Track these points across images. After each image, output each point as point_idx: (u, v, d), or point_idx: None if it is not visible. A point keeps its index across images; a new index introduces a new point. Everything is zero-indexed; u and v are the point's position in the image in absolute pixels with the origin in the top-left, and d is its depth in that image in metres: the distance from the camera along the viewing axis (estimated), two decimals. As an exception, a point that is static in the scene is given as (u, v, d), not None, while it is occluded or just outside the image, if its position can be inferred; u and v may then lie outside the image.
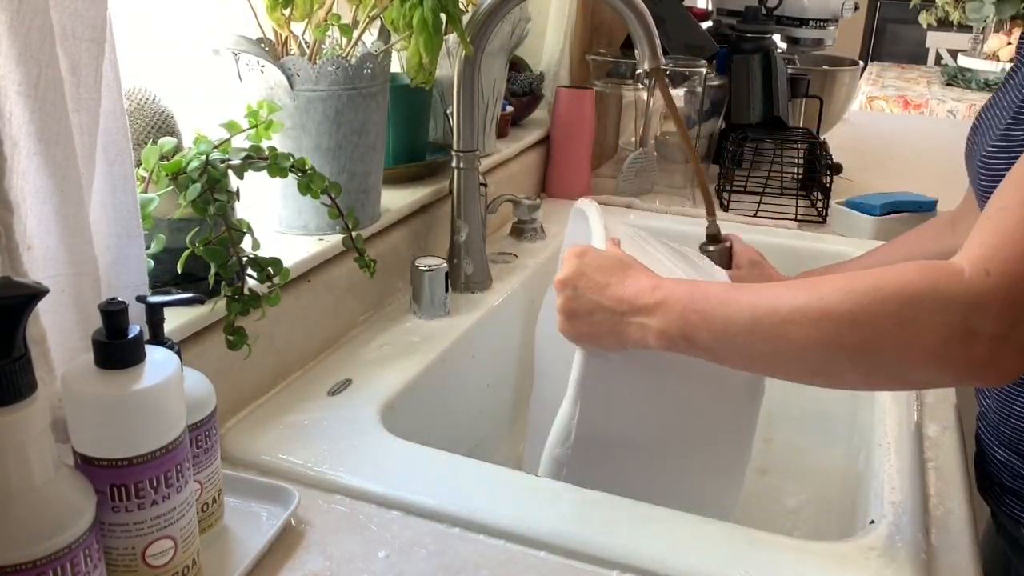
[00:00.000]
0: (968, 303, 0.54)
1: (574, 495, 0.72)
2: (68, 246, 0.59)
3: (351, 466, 0.75)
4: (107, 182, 0.65)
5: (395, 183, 1.12)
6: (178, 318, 0.73)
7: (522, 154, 1.44)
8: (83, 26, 0.58)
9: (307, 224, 0.96)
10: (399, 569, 0.64)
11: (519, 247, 1.28)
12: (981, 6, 3.33)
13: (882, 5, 5.63)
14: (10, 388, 0.45)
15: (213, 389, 0.64)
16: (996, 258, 0.54)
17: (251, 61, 0.89)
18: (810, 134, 1.66)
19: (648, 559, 0.65)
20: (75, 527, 0.48)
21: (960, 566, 0.68)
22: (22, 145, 0.55)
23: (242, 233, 0.77)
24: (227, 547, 0.65)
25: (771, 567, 0.64)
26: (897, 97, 3.25)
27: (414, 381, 0.91)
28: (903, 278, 0.56)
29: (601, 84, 1.56)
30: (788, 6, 1.86)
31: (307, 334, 0.92)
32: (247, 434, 0.79)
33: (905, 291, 0.56)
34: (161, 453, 0.54)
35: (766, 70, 1.65)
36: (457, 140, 1.08)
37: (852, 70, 1.87)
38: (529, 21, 1.34)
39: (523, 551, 0.67)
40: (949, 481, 0.78)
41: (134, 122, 0.84)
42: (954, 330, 0.54)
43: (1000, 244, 0.55)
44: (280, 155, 0.81)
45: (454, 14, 0.88)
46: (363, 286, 1.01)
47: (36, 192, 0.56)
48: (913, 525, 0.70)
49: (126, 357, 0.52)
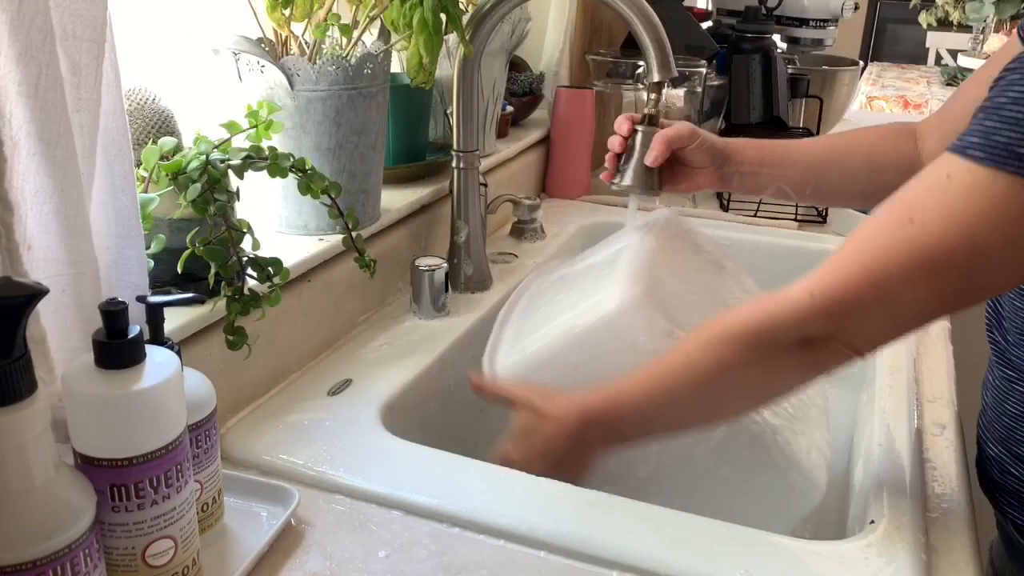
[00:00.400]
0: (799, 321, 0.66)
1: (574, 495, 0.72)
2: (68, 246, 0.59)
3: (351, 466, 0.75)
4: (107, 182, 0.65)
5: (395, 183, 1.12)
6: (178, 318, 0.73)
7: (522, 154, 1.44)
8: (83, 26, 0.58)
9: (307, 224, 0.96)
10: (399, 569, 0.64)
11: (519, 247, 1.28)
12: (981, 6, 3.34)
13: (882, 5, 5.63)
14: (10, 388, 0.45)
15: (213, 389, 0.64)
16: (822, 282, 0.66)
17: (251, 61, 0.89)
18: (810, 134, 1.67)
19: (648, 559, 0.65)
20: (75, 527, 0.48)
21: (960, 566, 0.68)
22: (22, 145, 0.55)
23: (242, 233, 0.77)
24: (227, 547, 0.65)
25: (771, 567, 0.64)
26: (897, 97, 3.25)
27: (414, 381, 0.91)
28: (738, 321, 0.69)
29: (601, 84, 1.56)
30: (788, 6, 1.86)
31: (307, 334, 0.92)
32: (247, 434, 0.79)
33: (744, 328, 0.68)
34: (161, 453, 0.54)
35: (766, 70, 1.65)
36: (457, 140, 1.08)
37: (852, 70, 1.87)
38: (529, 21, 1.34)
39: (523, 551, 0.67)
40: (949, 481, 0.78)
41: (134, 122, 0.84)
42: (793, 345, 0.67)
43: (829, 269, 0.66)
44: (280, 155, 0.81)
45: (454, 14, 0.88)
46: (363, 286, 1.01)
47: (36, 192, 0.56)
48: (913, 525, 0.70)
49: (126, 357, 0.52)
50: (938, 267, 0.62)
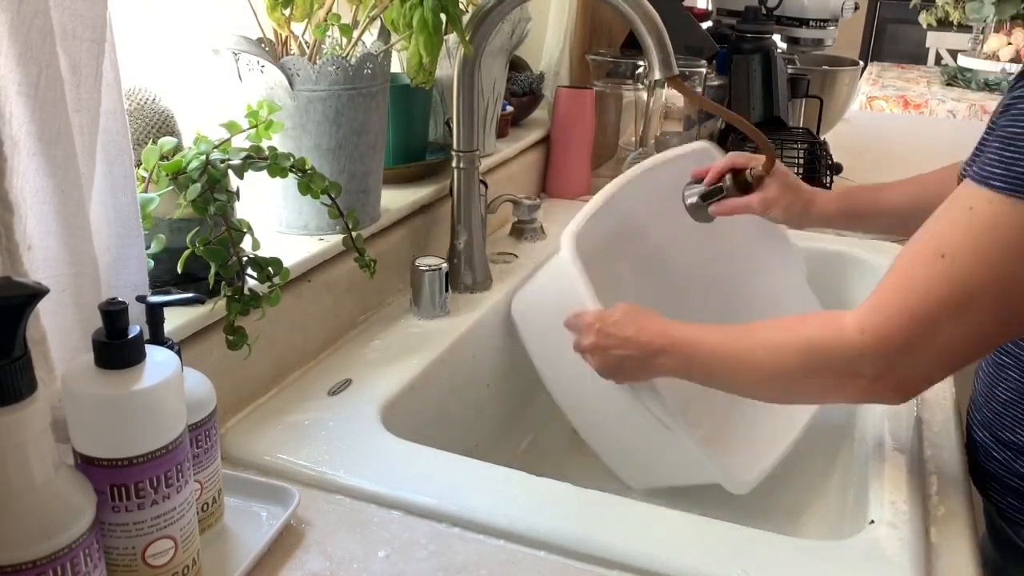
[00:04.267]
0: (850, 357, 0.69)
1: (574, 495, 0.72)
2: (68, 246, 0.59)
3: (351, 466, 0.75)
4: (107, 182, 0.65)
5: (395, 183, 1.12)
6: (178, 318, 0.73)
7: (522, 154, 1.44)
8: (83, 26, 0.58)
9: (307, 224, 0.96)
10: (399, 569, 0.64)
11: (519, 247, 1.28)
12: (981, 6, 3.34)
13: (882, 5, 5.62)
14: (10, 388, 0.45)
15: (213, 389, 0.64)
16: (870, 320, 0.68)
17: (251, 61, 0.89)
18: (810, 134, 1.67)
19: (648, 559, 0.65)
20: (75, 527, 0.48)
21: (960, 566, 0.68)
22: (22, 145, 0.55)
23: (242, 233, 0.77)
24: (227, 547, 0.65)
25: (771, 567, 0.64)
26: (897, 97, 3.25)
27: (414, 381, 0.91)
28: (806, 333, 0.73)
29: (601, 84, 1.56)
30: (788, 6, 1.86)
31: (307, 334, 0.92)
32: (247, 434, 0.79)
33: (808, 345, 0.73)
34: (161, 453, 0.54)
35: (766, 70, 1.65)
36: (457, 140, 1.08)
37: (852, 70, 1.87)
38: (529, 21, 1.34)
39: (523, 551, 0.67)
40: (949, 481, 0.78)
41: (134, 122, 0.84)
42: (844, 374, 0.71)
43: (874, 305, 0.69)
44: (280, 155, 0.81)
45: (454, 14, 0.88)
46: (363, 286, 1.01)
47: (36, 192, 0.56)
48: (913, 525, 0.70)
49: (126, 357, 0.52)
50: (974, 300, 0.64)
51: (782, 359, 0.74)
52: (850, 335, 0.69)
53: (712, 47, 1.64)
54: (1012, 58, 3.36)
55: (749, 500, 0.90)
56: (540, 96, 1.55)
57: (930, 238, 0.67)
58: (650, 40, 0.94)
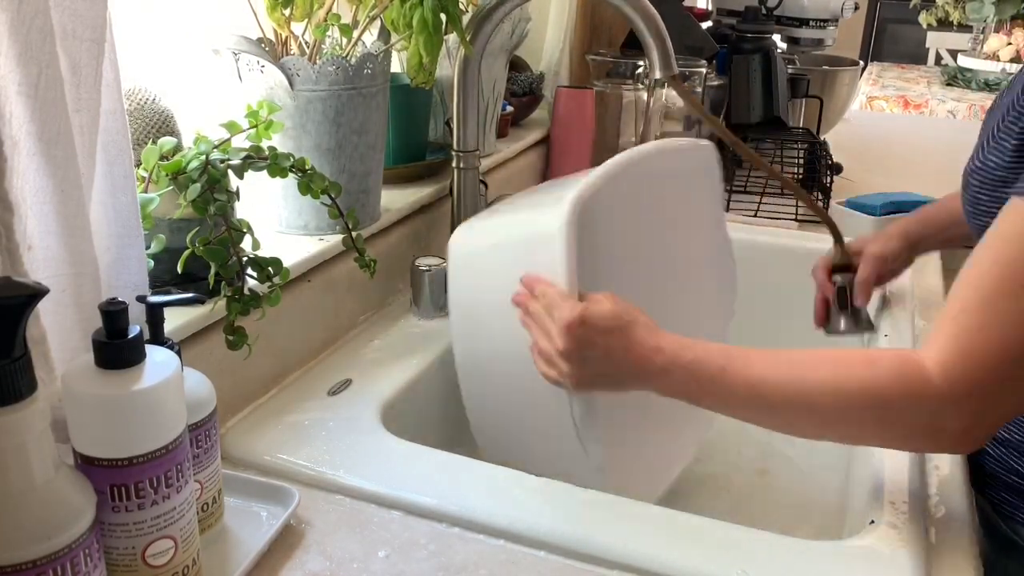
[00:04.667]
0: (935, 409, 0.62)
1: (574, 495, 0.72)
2: (68, 246, 0.59)
3: (351, 466, 0.75)
4: (107, 182, 0.65)
5: (395, 183, 1.12)
6: (178, 318, 0.73)
7: (522, 154, 1.44)
8: (83, 26, 0.58)
9: (307, 224, 0.96)
10: (399, 569, 0.64)
11: (519, 247, 1.27)
12: (981, 6, 3.33)
13: (882, 5, 5.62)
14: (10, 388, 0.45)
15: (213, 389, 0.64)
16: (958, 367, 0.61)
17: (251, 61, 0.89)
18: (810, 134, 1.66)
19: (648, 559, 0.65)
20: (75, 527, 0.48)
21: (960, 566, 0.68)
22: (22, 145, 0.55)
23: (242, 233, 0.77)
24: (227, 547, 0.65)
25: (771, 567, 0.64)
26: (897, 97, 3.25)
27: (414, 381, 0.91)
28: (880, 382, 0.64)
29: (601, 84, 1.56)
30: (788, 6, 1.86)
31: (307, 334, 0.92)
32: (247, 434, 0.79)
33: (883, 395, 0.63)
34: (161, 453, 0.54)
35: (766, 70, 1.65)
36: (457, 140, 1.08)
37: (852, 70, 1.87)
38: (529, 21, 1.34)
39: (523, 551, 0.67)
40: (949, 481, 0.78)
41: (134, 122, 0.84)
42: (924, 428, 0.64)
43: (961, 351, 0.61)
44: (280, 155, 0.81)
45: (454, 14, 0.88)
46: (363, 286, 1.01)
47: (36, 192, 0.56)
48: (913, 525, 0.70)
49: (126, 357, 0.52)
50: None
51: (848, 406, 0.65)
52: (937, 386, 0.62)
53: (712, 47, 1.64)
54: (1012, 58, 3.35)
55: (749, 500, 0.90)
56: (540, 96, 1.55)
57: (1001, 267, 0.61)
58: (651, 39, 0.94)
